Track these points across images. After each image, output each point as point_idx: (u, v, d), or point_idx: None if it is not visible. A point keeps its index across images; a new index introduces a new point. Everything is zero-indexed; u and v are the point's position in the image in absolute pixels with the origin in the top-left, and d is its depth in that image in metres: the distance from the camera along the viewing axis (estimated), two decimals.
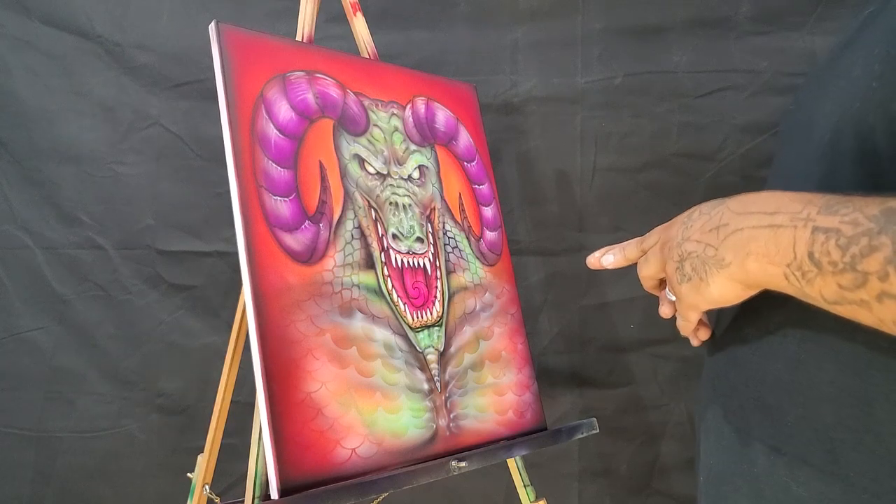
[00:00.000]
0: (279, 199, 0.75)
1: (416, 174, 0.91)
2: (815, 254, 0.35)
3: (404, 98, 0.94)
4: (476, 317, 0.92)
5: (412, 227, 0.88)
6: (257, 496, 0.70)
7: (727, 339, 0.51)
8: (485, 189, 1.01)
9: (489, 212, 1.00)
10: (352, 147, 0.85)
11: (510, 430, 0.88)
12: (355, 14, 0.96)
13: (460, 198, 0.96)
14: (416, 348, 0.82)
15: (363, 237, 0.82)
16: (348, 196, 0.82)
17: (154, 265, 1.25)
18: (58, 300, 1.25)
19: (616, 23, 1.23)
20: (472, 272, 0.94)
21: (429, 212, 0.91)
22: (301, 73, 0.82)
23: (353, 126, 0.86)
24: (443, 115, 0.99)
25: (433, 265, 0.89)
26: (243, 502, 0.71)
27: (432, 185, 0.93)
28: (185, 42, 1.24)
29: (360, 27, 0.96)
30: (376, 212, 0.85)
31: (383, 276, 0.82)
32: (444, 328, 0.87)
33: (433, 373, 0.83)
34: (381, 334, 0.79)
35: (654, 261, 0.51)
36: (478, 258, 0.95)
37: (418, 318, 0.84)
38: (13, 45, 1.25)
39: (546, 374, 1.24)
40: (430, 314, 0.86)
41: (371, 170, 0.86)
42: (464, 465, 0.76)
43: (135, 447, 1.25)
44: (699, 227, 0.44)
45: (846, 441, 0.38)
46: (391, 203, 0.87)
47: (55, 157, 1.25)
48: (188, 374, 1.25)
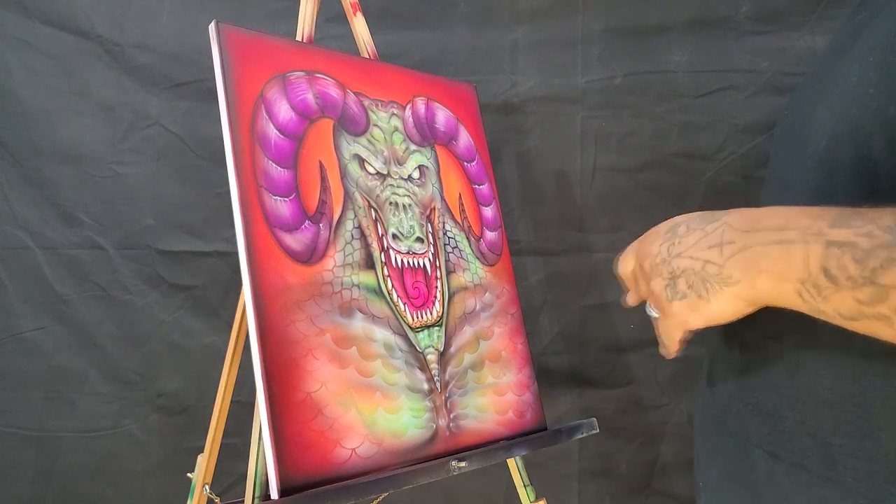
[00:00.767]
0: (279, 199, 0.75)
1: (416, 174, 0.91)
2: (831, 269, 0.34)
3: (404, 98, 0.94)
4: (476, 317, 0.91)
5: (412, 227, 0.88)
6: (257, 496, 0.70)
7: (725, 344, 0.51)
8: (485, 189, 1.01)
9: (489, 212, 1.00)
10: (352, 147, 0.85)
11: (510, 430, 0.88)
12: (355, 14, 0.96)
13: (460, 198, 0.96)
14: (416, 348, 0.82)
15: (363, 237, 0.82)
16: (348, 196, 0.82)
17: (154, 265, 1.25)
18: (58, 300, 1.25)
19: (616, 23, 1.23)
20: (472, 272, 0.94)
21: (429, 212, 0.91)
22: (301, 73, 0.82)
23: (353, 126, 0.86)
24: (443, 115, 0.99)
25: (433, 265, 0.89)
26: (243, 502, 0.71)
27: (432, 185, 0.93)
28: (185, 42, 1.24)
29: (360, 27, 0.96)
30: (376, 212, 0.85)
31: (383, 276, 0.82)
32: (444, 328, 0.87)
33: (433, 373, 0.83)
34: (381, 334, 0.79)
35: (643, 283, 0.49)
36: (478, 258, 0.95)
37: (418, 318, 0.84)
38: (13, 45, 1.25)
39: (546, 374, 1.24)
40: (430, 314, 0.86)
41: (371, 170, 0.86)
42: (464, 465, 0.76)
43: (135, 447, 1.25)
44: (692, 242, 0.43)
45: (844, 447, 0.38)
46: (391, 203, 0.87)
47: (55, 157, 1.25)
48: (188, 373, 1.25)
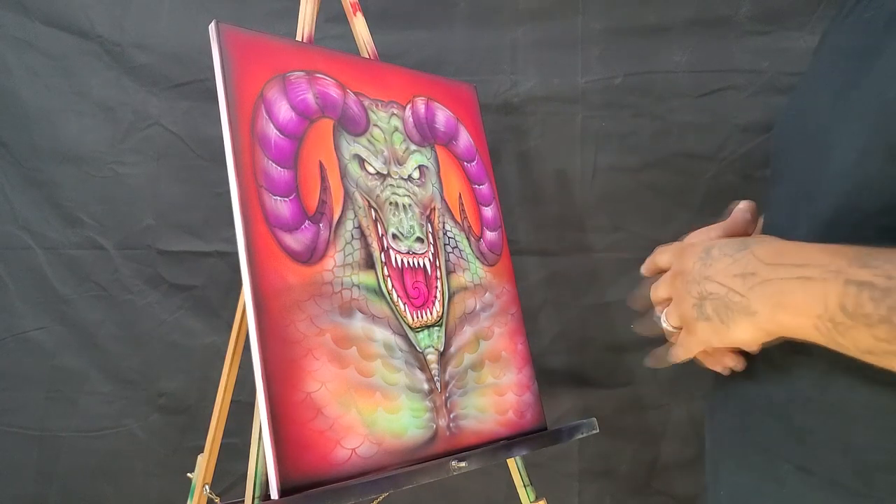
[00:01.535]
0: (279, 199, 0.75)
1: (416, 174, 0.91)
2: (848, 306, 0.35)
3: (404, 98, 0.94)
4: (476, 317, 0.92)
5: (412, 227, 0.88)
6: (257, 496, 0.70)
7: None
8: (485, 189, 1.01)
9: (489, 212, 1.00)
10: (352, 147, 0.85)
11: (510, 430, 0.88)
12: (355, 14, 0.96)
13: (460, 198, 0.96)
14: (416, 348, 0.82)
15: (363, 237, 0.82)
16: (348, 196, 0.82)
17: (155, 265, 1.25)
18: (59, 300, 1.25)
19: (616, 23, 1.22)
20: (472, 272, 0.94)
21: (429, 212, 0.91)
22: (301, 73, 0.82)
23: (353, 126, 0.86)
24: (443, 115, 0.99)
25: (433, 265, 0.89)
26: (243, 502, 0.71)
27: (432, 185, 0.93)
28: (185, 42, 1.24)
29: (360, 27, 0.96)
30: (376, 212, 0.85)
31: (383, 276, 0.82)
32: (444, 328, 0.87)
33: (433, 373, 0.83)
34: (381, 334, 0.79)
35: (665, 290, 0.50)
36: (478, 258, 0.95)
37: (418, 318, 0.84)
38: (13, 45, 1.25)
39: (546, 374, 1.23)
40: (430, 314, 0.86)
41: (371, 170, 0.86)
42: (464, 465, 0.76)
43: (136, 447, 1.25)
44: (722, 268, 0.44)
45: (879, 463, 0.38)
46: (391, 203, 0.87)
47: (56, 157, 1.25)
48: (189, 373, 1.25)
